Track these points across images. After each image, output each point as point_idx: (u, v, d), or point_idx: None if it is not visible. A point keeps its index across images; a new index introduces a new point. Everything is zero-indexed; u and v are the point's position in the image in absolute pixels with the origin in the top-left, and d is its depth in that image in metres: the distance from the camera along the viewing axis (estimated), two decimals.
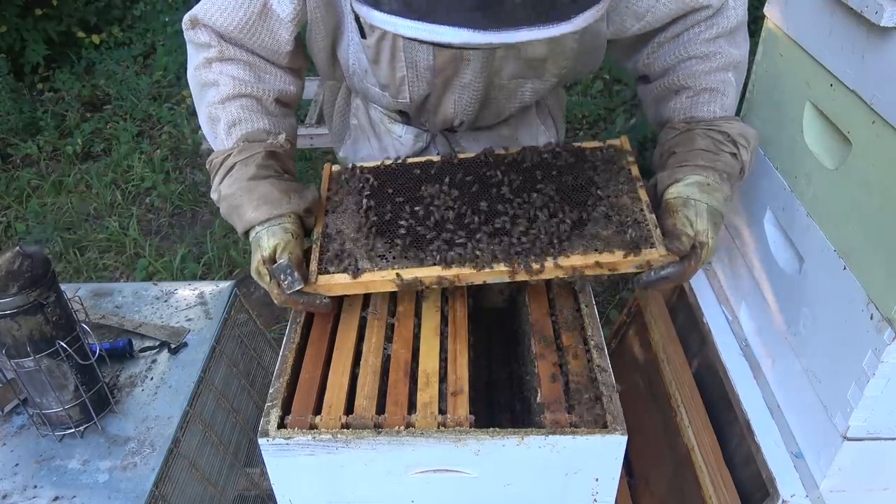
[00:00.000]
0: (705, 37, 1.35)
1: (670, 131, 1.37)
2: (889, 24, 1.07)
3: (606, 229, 1.26)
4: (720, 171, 1.28)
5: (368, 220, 1.33)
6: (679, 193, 1.27)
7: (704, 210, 1.24)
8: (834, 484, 1.28)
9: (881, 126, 1.12)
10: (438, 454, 1.12)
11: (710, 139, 1.30)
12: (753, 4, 5.15)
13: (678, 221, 1.24)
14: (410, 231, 1.29)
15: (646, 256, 1.22)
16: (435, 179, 1.38)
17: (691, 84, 1.37)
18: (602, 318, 2.89)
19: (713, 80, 1.36)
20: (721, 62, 1.36)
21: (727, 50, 1.36)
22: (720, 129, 1.31)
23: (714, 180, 1.27)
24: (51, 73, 5.06)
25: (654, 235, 1.24)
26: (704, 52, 1.36)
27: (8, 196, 4.01)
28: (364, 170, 1.44)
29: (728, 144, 1.30)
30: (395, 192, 1.37)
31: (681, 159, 1.31)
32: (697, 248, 1.23)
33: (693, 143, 1.31)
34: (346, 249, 1.29)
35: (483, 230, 1.27)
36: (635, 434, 1.20)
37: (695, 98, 1.36)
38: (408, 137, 1.63)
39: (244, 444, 1.77)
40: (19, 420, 1.48)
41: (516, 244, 1.24)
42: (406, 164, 1.43)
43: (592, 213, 1.29)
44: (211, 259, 3.45)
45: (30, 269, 1.27)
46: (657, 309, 1.80)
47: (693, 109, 1.36)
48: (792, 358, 1.39)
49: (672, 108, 1.40)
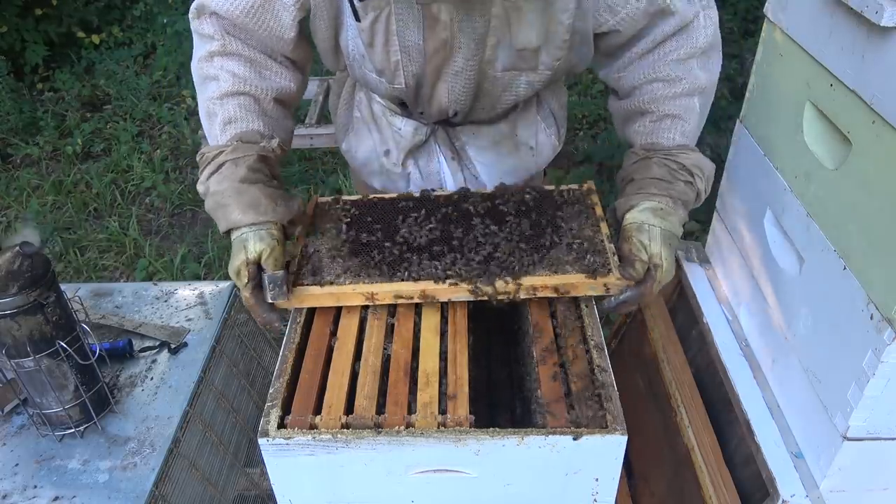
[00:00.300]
0: (674, 57, 1.37)
1: (632, 156, 1.42)
2: (889, 24, 1.07)
3: (568, 255, 1.35)
4: (674, 197, 1.33)
5: (345, 241, 1.41)
6: (634, 219, 1.33)
7: (658, 234, 1.30)
8: (834, 484, 1.28)
9: (881, 126, 1.12)
10: (438, 454, 1.12)
11: (666, 168, 1.35)
12: (753, 4, 5.12)
13: (633, 247, 1.30)
14: (384, 251, 1.37)
15: (602, 280, 1.30)
16: (413, 210, 1.47)
17: (654, 109, 1.40)
18: (602, 318, 2.88)
19: (676, 107, 1.39)
20: (686, 87, 1.38)
21: (695, 73, 1.39)
22: (676, 159, 1.36)
23: (668, 205, 1.32)
24: (51, 73, 5.06)
25: (611, 262, 1.33)
26: (672, 76, 1.38)
27: (8, 196, 4.01)
28: (347, 202, 1.52)
29: (683, 173, 1.35)
30: (374, 220, 1.46)
31: (637, 187, 1.36)
32: (652, 271, 1.29)
33: (649, 171, 1.36)
34: (323, 265, 1.36)
35: (453, 254, 1.35)
36: (635, 434, 1.20)
37: (657, 124, 1.40)
38: (407, 130, 1.64)
39: (244, 444, 1.77)
40: (19, 420, 1.48)
41: (482, 265, 1.33)
42: (387, 199, 1.52)
43: (557, 243, 1.38)
44: (211, 259, 3.45)
45: (30, 269, 1.27)
46: (657, 309, 1.80)
47: (654, 135, 1.40)
48: (792, 358, 1.39)
49: (635, 131, 1.44)
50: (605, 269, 1.31)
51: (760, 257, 1.53)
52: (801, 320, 1.36)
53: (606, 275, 1.30)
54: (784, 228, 1.44)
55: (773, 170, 1.47)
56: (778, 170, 1.46)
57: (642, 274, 1.30)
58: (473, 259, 1.34)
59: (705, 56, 1.39)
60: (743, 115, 1.61)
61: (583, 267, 1.32)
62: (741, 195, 1.63)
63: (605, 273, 1.30)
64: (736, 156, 1.67)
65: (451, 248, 1.36)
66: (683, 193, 1.34)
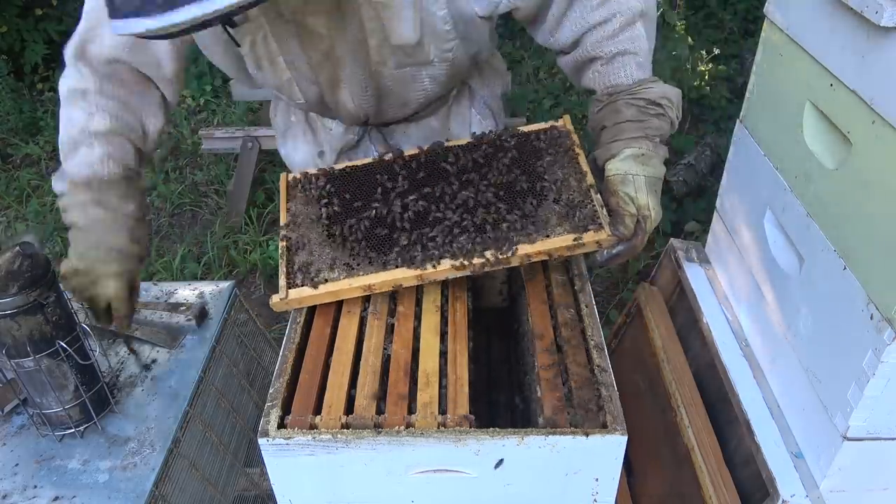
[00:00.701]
0: (596, 2, 1.35)
1: (596, 103, 1.40)
2: (889, 24, 1.07)
3: (556, 213, 1.32)
4: (651, 136, 1.32)
5: (329, 230, 1.37)
6: (617, 170, 1.31)
7: (643, 183, 1.29)
8: (834, 484, 1.28)
9: (881, 126, 1.12)
10: (438, 454, 1.12)
11: (635, 107, 1.33)
12: (753, 4, 5.12)
13: (620, 200, 1.29)
14: (370, 235, 1.34)
15: (595, 237, 1.28)
16: (389, 179, 1.41)
17: (601, 52, 1.37)
18: (602, 318, 2.89)
19: (620, 43, 1.36)
20: (622, 20, 1.35)
21: (625, 5, 1.34)
22: (641, 96, 1.33)
23: (648, 149, 1.31)
24: (51, 73, 5.06)
25: (600, 216, 1.30)
26: (602, 18, 1.35)
27: (8, 196, 4.01)
28: (317, 176, 1.46)
29: (653, 107, 1.33)
30: (353, 196, 1.41)
31: (612, 134, 1.34)
32: (642, 222, 1.29)
33: (619, 115, 1.33)
34: (312, 262, 1.34)
35: (441, 227, 1.32)
36: (635, 434, 1.20)
37: (609, 65, 1.37)
38: (338, 131, 1.67)
39: (244, 444, 1.77)
40: (19, 420, 1.48)
41: (472, 239, 1.30)
42: (359, 167, 1.46)
43: (544, 199, 1.34)
44: (211, 259, 3.45)
45: (30, 269, 1.27)
46: (657, 309, 1.80)
47: (610, 77, 1.38)
48: (792, 358, 1.39)
49: (590, 79, 1.41)
50: (596, 224, 1.29)
51: (760, 257, 1.53)
52: (801, 320, 1.36)
53: (598, 231, 1.28)
54: (784, 228, 1.44)
55: (773, 170, 1.47)
56: (778, 170, 1.46)
57: (633, 229, 1.29)
58: (462, 234, 1.31)
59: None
60: (743, 115, 1.61)
61: (573, 226, 1.30)
62: (741, 195, 1.63)
63: (598, 229, 1.29)
64: (736, 156, 1.67)
65: (437, 221, 1.33)
66: (658, 129, 1.33)
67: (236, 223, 3.68)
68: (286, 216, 1.43)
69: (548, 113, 4.42)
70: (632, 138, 1.31)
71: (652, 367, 1.74)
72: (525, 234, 1.30)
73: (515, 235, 1.30)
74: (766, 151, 1.51)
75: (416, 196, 1.36)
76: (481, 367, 1.57)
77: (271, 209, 3.72)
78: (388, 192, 1.38)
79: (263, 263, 3.38)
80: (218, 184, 4.03)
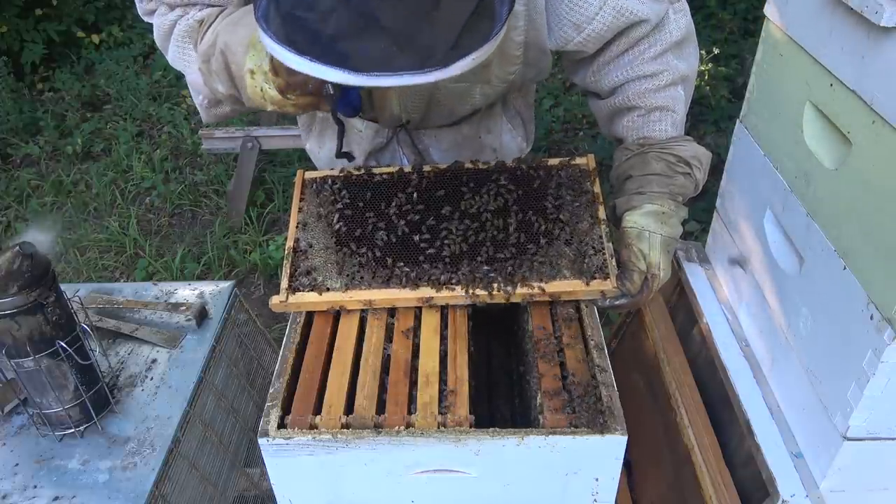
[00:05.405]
0: (650, 55, 1.37)
1: (625, 152, 1.41)
2: (889, 24, 1.07)
3: (565, 255, 1.32)
4: (675, 194, 1.33)
5: (339, 239, 1.37)
6: (635, 224, 1.32)
7: (658, 242, 1.30)
8: (834, 484, 1.28)
9: (881, 126, 1.12)
10: (438, 454, 1.12)
11: (665, 162, 1.35)
12: (753, 4, 5.14)
13: (632, 255, 1.30)
14: (378, 251, 1.34)
15: (599, 286, 1.29)
16: (405, 195, 1.40)
17: (641, 103, 1.39)
18: (602, 318, 2.89)
19: (662, 98, 1.38)
20: (669, 79, 1.38)
21: (674, 65, 1.38)
22: (673, 152, 1.35)
23: (669, 208, 1.32)
24: (50, 73, 5.06)
25: (608, 266, 1.30)
26: (652, 71, 1.38)
27: (8, 196, 4.01)
28: (336, 180, 1.45)
29: (682, 166, 1.35)
30: (366, 206, 1.40)
31: (637, 185, 1.35)
32: (649, 280, 1.30)
33: (648, 167, 1.35)
34: (317, 267, 1.34)
35: (445, 255, 1.33)
36: (635, 434, 1.20)
37: (646, 117, 1.40)
38: (368, 132, 1.65)
39: (244, 444, 1.77)
40: (19, 420, 1.48)
41: (478, 270, 1.31)
42: (377, 178, 1.44)
43: (554, 238, 1.34)
44: (211, 259, 3.45)
45: (30, 269, 1.27)
46: (657, 309, 1.80)
47: (645, 129, 1.40)
48: (792, 358, 1.39)
49: (624, 127, 1.43)
50: (603, 273, 1.29)
51: (760, 257, 1.53)
52: (801, 320, 1.36)
53: (604, 281, 1.29)
54: (784, 228, 1.44)
55: (773, 170, 1.47)
56: (778, 170, 1.46)
57: (639, 286, 1.30)
58: (469, 264, 1.32)
59: (679, 48, 1.39)
60: (743, 115, 1.61)
61: (580, 271, 1.30)
62: (741, 195, 1.63)
63: (603, 278, 1.29)
64: (736, 156, 1.66)
65: (445, 247, 1.33)
66: (683, 187, 1.34)
67: (236, 223, 3.68)
68: (297, 216, 1.43)
69: (547, 113, 4.42)
70: (656, 193, 1.32)
71: (652, 367, 1.74)
72: (531, 271, 1.30)
73: (521, 272, 1.30)
74: (766, 151, 1.51)
75: (427, 218, 1.37)
76: (481, 368, 1.57)
77: (271, 209, 3.73)
78: (401, 207, 1.39)
79: (263, 263, 3.38)
80: (218, 184, 4.03)
